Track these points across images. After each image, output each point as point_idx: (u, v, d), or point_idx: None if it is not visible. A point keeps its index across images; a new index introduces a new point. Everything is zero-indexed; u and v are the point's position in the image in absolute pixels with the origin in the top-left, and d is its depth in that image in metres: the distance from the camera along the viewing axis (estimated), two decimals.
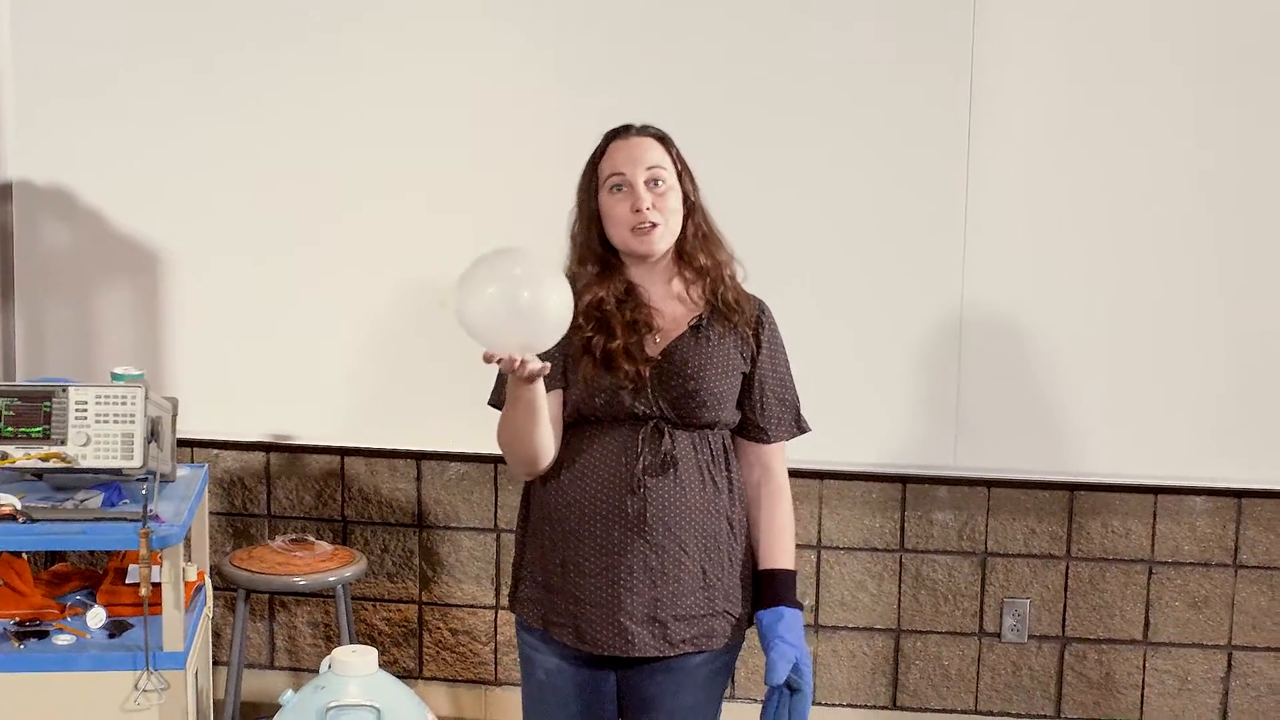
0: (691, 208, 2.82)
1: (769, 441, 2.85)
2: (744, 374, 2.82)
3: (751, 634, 2.84)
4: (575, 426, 2.78)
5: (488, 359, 2.51)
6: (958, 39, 4.00)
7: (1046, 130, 4.01)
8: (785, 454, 2.90)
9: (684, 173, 2.82)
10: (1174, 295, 4.03)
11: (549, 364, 2.58)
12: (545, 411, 2.67)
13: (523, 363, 2.51)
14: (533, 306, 2.47)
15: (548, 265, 2.55)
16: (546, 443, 2.72)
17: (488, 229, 4.13)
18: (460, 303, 2.50)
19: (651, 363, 2.75)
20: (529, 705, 2.92)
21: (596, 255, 2.82)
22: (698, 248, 2.82)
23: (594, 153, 2.84)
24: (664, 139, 2.83)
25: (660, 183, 2.76)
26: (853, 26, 4.03)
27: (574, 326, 2.74)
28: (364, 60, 4.17)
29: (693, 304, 2.83)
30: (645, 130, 2.83)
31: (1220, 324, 4.03)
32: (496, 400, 2.86)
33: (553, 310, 2.50)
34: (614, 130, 2.85)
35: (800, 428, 2.90)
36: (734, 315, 2.81)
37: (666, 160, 2.79)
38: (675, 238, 2.80)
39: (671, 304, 2.83)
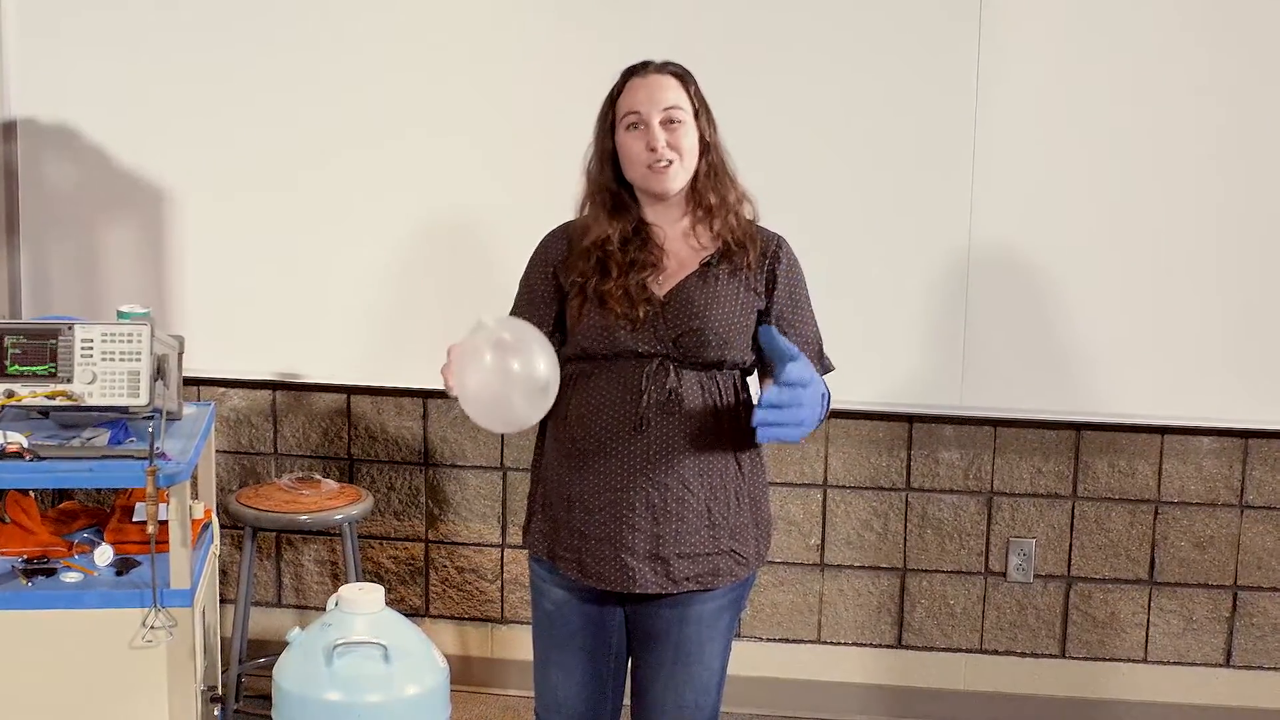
0: (707, 147, 2.81)
1: None
2: (760, 311, 2.81)
3: (761, 572, 2.84)
4: (584, 362, 2.78)
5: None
6: None
7: (1055, 66, 3.98)
8: None
9: (701, 111, 2.81)
10: (1183, 235, 4.00)
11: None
12: None
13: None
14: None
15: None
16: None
17: (495, 166, 4.13)
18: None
19: (655, 303, 2.75)
20: (537, 635, 2.96)
21: (610, 192, 2.82)
22: (708, 187, 2.81)
23: (612, 90, 2.83)
24: (683, 76, 2.81)
25: (676, 122, 2.76)
26: None
27: (571, 267, 2.76)
28: None
29: (704, 243, 2.82)
30: (664, 68, 2.81)
31: (1229, 264, 4.01)
32: None
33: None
34: (632, 67, 2.83)
35: (824, 365, 2.90)
36: (742, 254, 2.80)
37: (684, 99, 2.78)
38: (690, 176, 2.80)
39: (683, 243, 2.82)
